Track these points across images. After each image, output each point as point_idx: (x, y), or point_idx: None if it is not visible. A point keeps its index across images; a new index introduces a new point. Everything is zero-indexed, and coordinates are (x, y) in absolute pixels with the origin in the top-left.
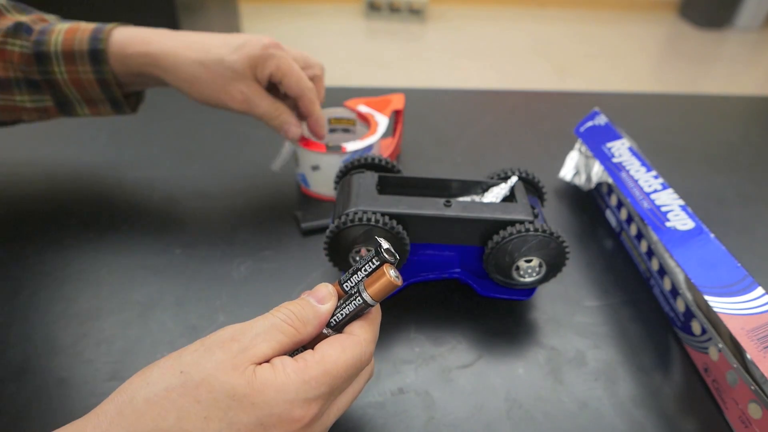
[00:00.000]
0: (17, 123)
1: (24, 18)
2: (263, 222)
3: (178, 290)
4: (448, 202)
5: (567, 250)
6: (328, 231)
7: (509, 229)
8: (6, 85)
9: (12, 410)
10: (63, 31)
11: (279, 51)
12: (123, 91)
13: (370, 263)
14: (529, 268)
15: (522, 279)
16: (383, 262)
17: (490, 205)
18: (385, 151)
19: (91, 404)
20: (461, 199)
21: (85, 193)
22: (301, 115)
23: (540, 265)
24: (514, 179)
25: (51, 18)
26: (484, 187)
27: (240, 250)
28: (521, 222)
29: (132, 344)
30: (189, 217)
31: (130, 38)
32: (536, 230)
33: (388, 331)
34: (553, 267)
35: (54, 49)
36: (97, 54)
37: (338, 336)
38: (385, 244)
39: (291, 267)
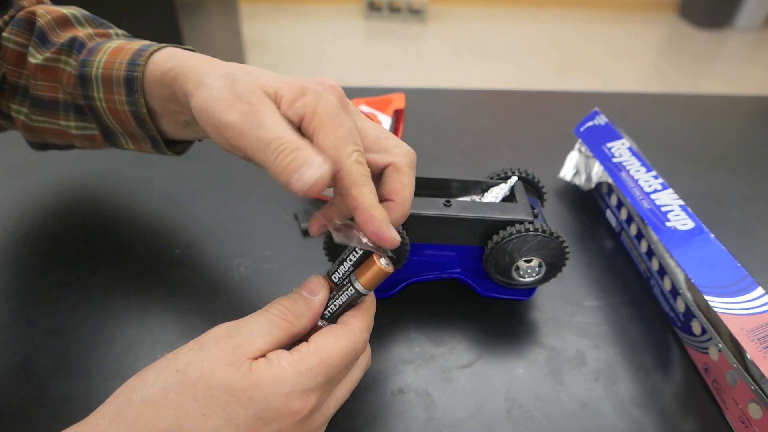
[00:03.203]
0: (71, 148)
1: (85, 32)
2: (263, 222)
3: (178, 290)
4: (448, 202)
5: (567, 250)
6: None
7: (509, 229)
8: (52, 107)
9: (12, 410)
10: (108, 52)
11: (327, 93)
12: (164, 133)
13: (354, 252)
14: (528, 268)
15: (522, 279)
16: (369, 251)
17: (490, 205)
18: None
19: (91, 404)
20: (461, 199)
21: (84, 192)
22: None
23: (540, 265)
24: (514, 179)
25: (117, 33)
26: (484, 187)
27: (240, 250)
28: (521, 222)
29: (132, 344)
30: (189, 217)
31: (168, 56)
32: (536, 230)
33: (388, 331)
34: (553, 267)
35: (95, 72)
36: (132, 82)
37: (332, 326)
38: (364, 237)
39: (291, 267)
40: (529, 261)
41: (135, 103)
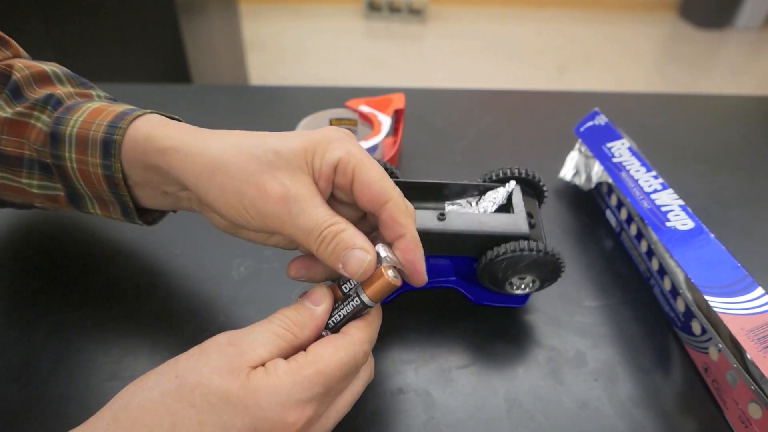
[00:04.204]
0: (30, 208)
1: (65, 90)
2: None
3: (178, 291)
4: (442, 215)
5: (562, 266)
6: None
7: (504, 246)
8: (15, 164)
9: (12, 410)
10: (87, 112)
11: (349, 137)
12: (136, 200)
13: None
14: (522, 284)
15: (516, 292)
16: (379, 263)
17: (485, 217)
18: (388, 151)
19: (91, 404)
20: (457, 204)
21: None
22: (381, 239)
23: (533, 281)
24: (512, 184)
25: (99, 95)
26: (482, 190)
27: (240, 250)
28: (516, 238)
29: (132, 345)
30: (189, 217)
31: (154, 125)
32: (531, 249)
33: (388, 331)
34: (548, 281)
35: (70, 131)
36: (109, 145)
37: (331, 336)
38: (382, 251)
39: None
40: (523, 278)
41: (110, 167)
